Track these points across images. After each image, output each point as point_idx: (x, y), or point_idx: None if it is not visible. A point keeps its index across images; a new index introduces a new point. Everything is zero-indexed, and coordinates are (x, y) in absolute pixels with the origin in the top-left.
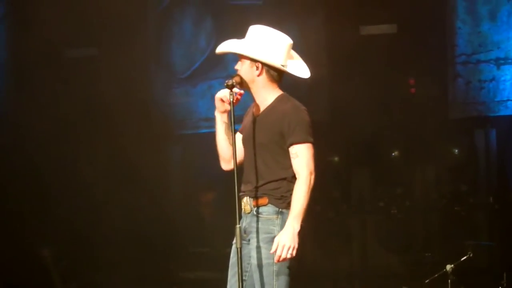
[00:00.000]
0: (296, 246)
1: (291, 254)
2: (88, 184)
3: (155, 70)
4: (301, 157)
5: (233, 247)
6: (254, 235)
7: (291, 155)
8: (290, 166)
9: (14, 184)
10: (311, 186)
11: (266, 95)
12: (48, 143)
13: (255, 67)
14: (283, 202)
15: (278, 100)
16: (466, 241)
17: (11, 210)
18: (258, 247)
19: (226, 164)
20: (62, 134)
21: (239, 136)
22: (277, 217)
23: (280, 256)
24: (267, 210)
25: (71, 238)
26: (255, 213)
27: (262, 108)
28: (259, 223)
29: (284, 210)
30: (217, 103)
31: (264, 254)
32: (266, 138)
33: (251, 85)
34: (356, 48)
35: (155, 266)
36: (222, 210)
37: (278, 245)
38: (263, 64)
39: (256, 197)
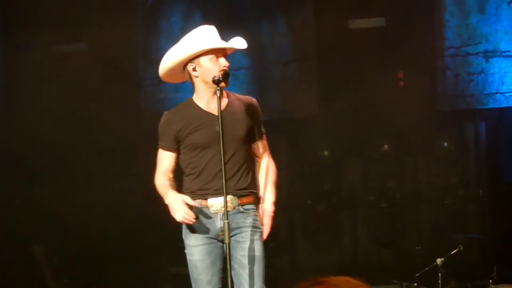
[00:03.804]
0: None
1: None
2: (79, 181)
3: (144, 65)
4: (266, 145)
5: (203, 247)
6: (246, 229)
7: (261, 145)
8: (252, 157)
9: (6, 181)
10: None
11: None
12: (39, 140)
13: None
14: (256, 198)
15: (231, 93)
16: (456, 234)
17: (3, 207)
18: (253, 241)
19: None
20: (53, 131)
21: (196, 139)
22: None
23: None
24: (254, 207)
25: (63, 235)
26: (242, 210)
27: (224, 103)
28: (249, 219)
29: (255, 206)
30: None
31: (261, 247)
32: (243, 131)
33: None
34: (345, 41)
35: (146, 261)
36: None
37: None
38: None
39: (241, 195)
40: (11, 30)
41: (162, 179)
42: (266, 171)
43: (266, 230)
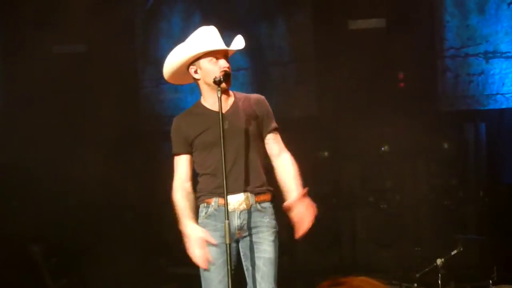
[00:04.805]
0: None
1: None
2: (78, 181)
3: (144, 66)
4: (281, 140)
5: (217, 246)
6: (263, 229)
7: (273, 139)
8: (266, 154)
9: (3, 181)
10: None
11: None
12: (37, 139)
13: None
14: (273, 196)
15: (238, 93)
16: (456, 235)
17: (0, 207)
18: (269, 242)
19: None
20: (52, 131)
21: (203, 143)
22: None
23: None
24: (270, 205)
25: (61, 235)
26: (259, 208)
27: (229, 102)
28: (267, 218)
29: (272, 204)
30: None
31: (276, 248)
32: (251, 125)
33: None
34: (345, 42)
35: (144, 262)
36: None
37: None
38: None
39: (258, 193)
40: (11, 30)
41: (181, 196)
42: (284, 168)
43: (303, 225)
